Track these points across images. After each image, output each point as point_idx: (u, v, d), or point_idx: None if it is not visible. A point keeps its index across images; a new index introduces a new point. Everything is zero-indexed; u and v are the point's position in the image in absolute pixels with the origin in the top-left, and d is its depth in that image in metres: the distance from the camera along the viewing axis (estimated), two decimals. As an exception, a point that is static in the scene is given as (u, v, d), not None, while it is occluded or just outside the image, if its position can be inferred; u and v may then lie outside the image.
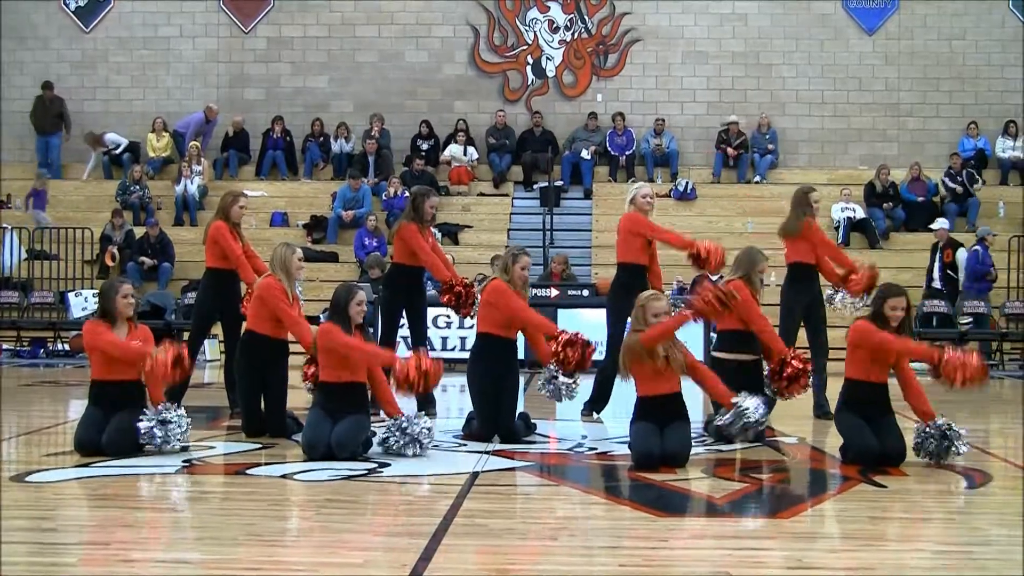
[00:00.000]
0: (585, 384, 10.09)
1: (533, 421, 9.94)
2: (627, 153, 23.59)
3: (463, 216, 22.73)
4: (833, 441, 9.87)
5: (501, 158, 23.65)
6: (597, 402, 11.35)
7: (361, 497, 7.43)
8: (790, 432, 10.24)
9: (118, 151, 23.62)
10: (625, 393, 9.41)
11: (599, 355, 11.41)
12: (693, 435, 8.64)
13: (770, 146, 23.66)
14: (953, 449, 8.36)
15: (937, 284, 19.71)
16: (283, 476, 7.97)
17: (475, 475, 8.01)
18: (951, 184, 22.21)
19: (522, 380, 10.53)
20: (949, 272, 19.51)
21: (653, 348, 8.27)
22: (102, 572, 5.53)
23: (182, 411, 8.83)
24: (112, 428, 8.60)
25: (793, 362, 9.52)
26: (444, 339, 17.52)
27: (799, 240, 11.22)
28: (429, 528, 6.29)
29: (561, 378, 9.51)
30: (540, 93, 24.62)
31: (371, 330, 10.92)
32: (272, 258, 9.78)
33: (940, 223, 19.43)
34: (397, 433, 8.64)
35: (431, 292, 13.49)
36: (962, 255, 19.12)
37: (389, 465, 8.27)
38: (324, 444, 8.49)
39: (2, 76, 24.12)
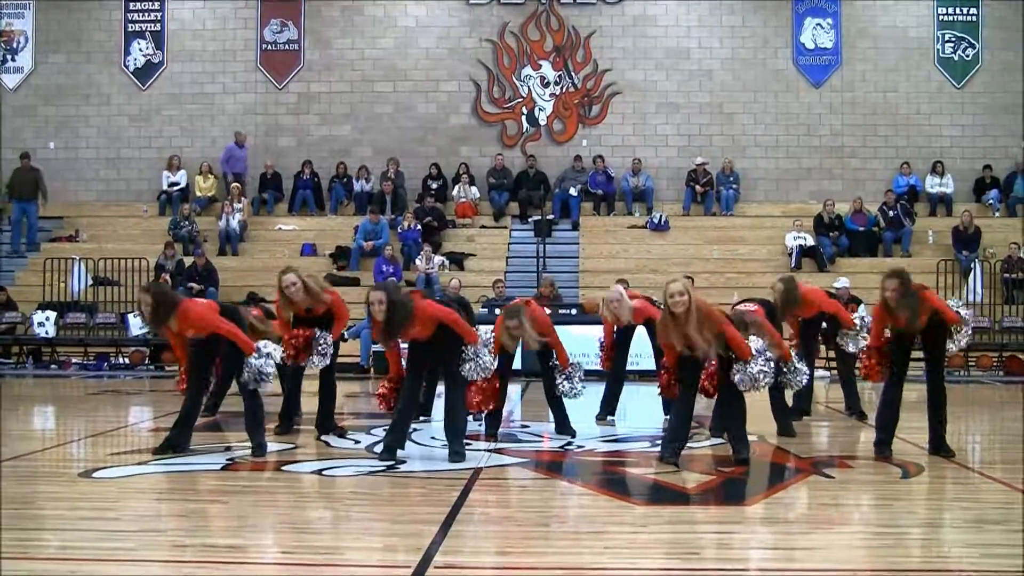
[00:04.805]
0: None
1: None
2: (608, 191, 23.61)
3: (467, 245, 22.73)
4: (787, 439, 9.88)
5: (500, 196, 23.65)
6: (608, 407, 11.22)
7: (381, 490, 7.43)
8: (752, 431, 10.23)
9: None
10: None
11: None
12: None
13: (734, 185, 23.68)
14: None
15: None
16: (314, 472, 7.96)
17: (478, 471, 8.02)
18: (890, 214, 22.16)
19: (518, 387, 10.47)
20: None
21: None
22: (158, 556, 5.55)
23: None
24: None
25: None
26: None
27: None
28: (439, 517, 6.30)
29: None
30: (533, 139, 24.63)
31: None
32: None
33: (842, 282, 17.99)
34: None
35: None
36: (864, 310, 16.48)
37: (405, 462, 8.27)
38: None
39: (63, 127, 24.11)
